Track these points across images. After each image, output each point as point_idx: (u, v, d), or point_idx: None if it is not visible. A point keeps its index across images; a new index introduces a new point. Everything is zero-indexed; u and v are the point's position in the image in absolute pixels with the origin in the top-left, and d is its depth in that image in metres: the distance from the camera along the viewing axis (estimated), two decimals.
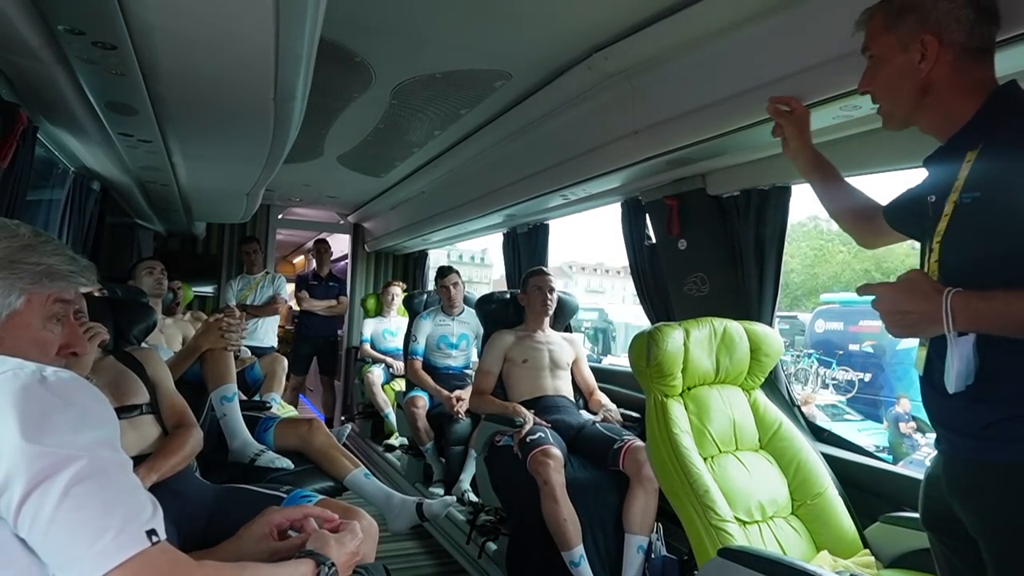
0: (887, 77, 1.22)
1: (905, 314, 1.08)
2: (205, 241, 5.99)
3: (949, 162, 1.15)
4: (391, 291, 5.34)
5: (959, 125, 1.15)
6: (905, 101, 1.21)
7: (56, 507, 0.73)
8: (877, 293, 1.11)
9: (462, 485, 3.61)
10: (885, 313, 1.10)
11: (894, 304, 1.09)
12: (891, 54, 1.20)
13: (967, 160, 1.11)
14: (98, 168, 3.06)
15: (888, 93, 1.24)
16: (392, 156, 3.91)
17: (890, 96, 1.24)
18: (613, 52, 2.20)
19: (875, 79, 1.25)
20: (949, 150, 1.17)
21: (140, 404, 1.89)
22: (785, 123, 1.63)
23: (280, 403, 3.86)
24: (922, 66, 1.15)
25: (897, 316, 1.09)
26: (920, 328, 1.09)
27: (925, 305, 1.04)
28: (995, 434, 1.06)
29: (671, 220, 2.65)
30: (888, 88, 1.23)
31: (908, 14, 1.16)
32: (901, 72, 1.18)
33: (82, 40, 1.59)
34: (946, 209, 1.13)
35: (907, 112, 1.22)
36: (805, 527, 1.96)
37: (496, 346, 3.09)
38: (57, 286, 0.97)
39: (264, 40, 1.55)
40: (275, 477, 2.34)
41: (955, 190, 1.12)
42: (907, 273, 1.11)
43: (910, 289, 1.07)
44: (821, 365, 14.80)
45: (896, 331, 1.12)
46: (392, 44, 2.30)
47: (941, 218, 1.14)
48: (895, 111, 1.25)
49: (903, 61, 1.17)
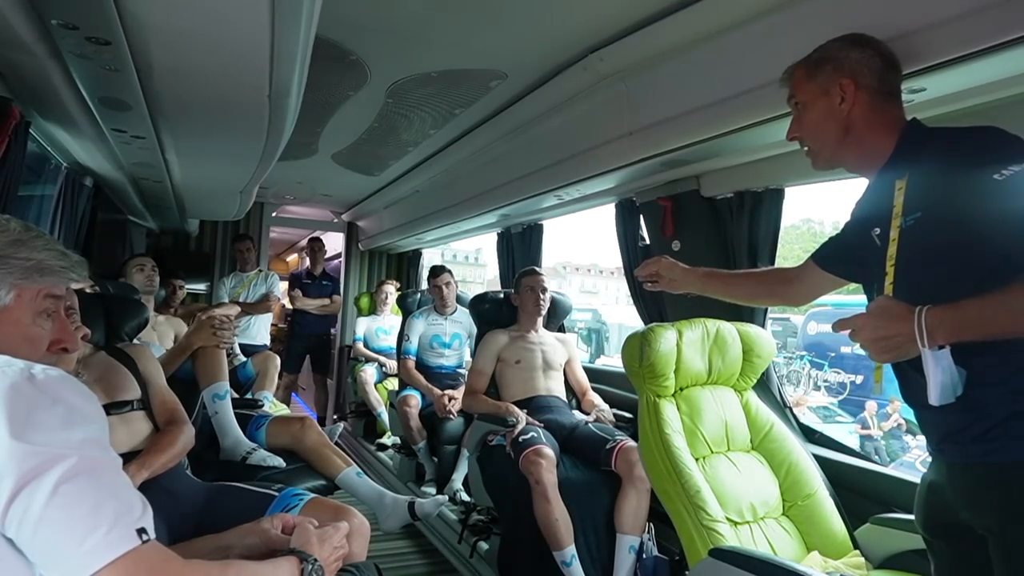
0: (812, 120, 1.35)
1: (889, 339, 1.11)
2: (198, 238, 5.97)
3: (882, 195, 1.26)
4: (384, 290, 5.33)
5: (882, 160, 1.28)
6: (830, 140, 1.33)
7: (45, 506, 0.73)
8: (855, 325, 1.14)
9: (454, 484, 3.61)
10: (869, 342, 1.13)
11: (875, 332, 1.12)
12: (814, 99, 1.33)
13: (899, 188, 1.22)
14: (91, 164, 3.04)
15: (814, 134, 1.36)
16: (387, 155, 3.91)
17: (817, 137, 1.36)
18: (609, 53, 2.20)
19: (802, 124, 1.38)
20: (879, 184, 1.29)
21: (131, 400, 1.88)
22: (664, 286, 1.84)
23: (272, 401, 3.86)
24: (843, 107, 1.29)
25: (882, 343, 1.12)
26: (905, 349, 1.10)
27: (904, 327, 1.08)
28: (998, 434, 1.09)
29: (665, 221, 2.66)
30: (814, 130, 1.35)
31: (825, 64, 1.31)
32: (825, 114, 1.32)
33: (76, 35, 1.58)
34: (892, 235, 1.22)
35: (832, 151, 1.34)
36: (796, 528, 1.97)
37: (489, 346, 3.09)
38: (47, 281, 0.97)
39: (259, 37, 1.54)
40: (267, 475, 2.34)
41: (895, 216, 1.21)
42: (876, 300, 1.16)
43: (886, 314, 1.11)
44: (813, 367, 14.87)
45: (882, 357, 1.15)
46: (387, 43, 2.30)
47: (890, 243, 1.23)
48: (822, 151, 1.36)
49: (825, 104, 1.31)
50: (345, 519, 1.64)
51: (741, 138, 2.00)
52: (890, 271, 1.22)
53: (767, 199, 2.36)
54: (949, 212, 1.12)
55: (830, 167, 1.39)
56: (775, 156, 2.19)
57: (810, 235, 33.93)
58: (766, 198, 2.36)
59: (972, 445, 1.14)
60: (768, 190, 2.35)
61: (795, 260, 6.72)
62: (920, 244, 1.18)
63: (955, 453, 1.19)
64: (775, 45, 1.74)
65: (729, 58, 1.90)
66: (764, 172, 2.30)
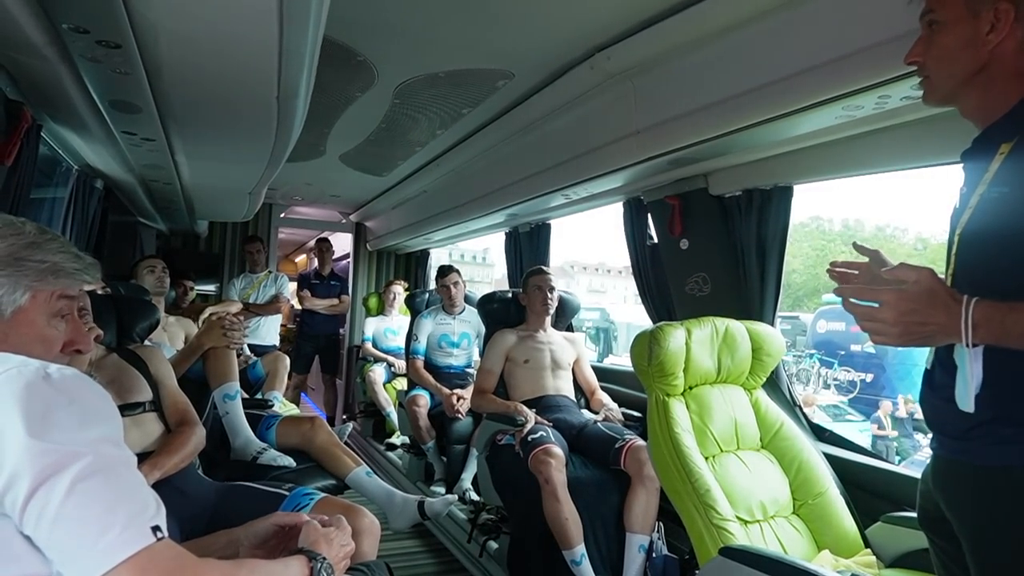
0: (946, 44, 1.12)
1: (922, 325, 0.97)
2: (208, 239, 6.00)
3: (983, 153, 1.09)
4: (393, 290, 5.35)
5: (1000, 113, 1.08)
6: (958, 73, 1.12)
7: (61, 504, 0.73)
8: (882, 298, 0.99)
9: (463, 484, 3.62)
10: (892, 322, 0.98)
11: (908, 315, 0.97)
12: (958, 20, 1.10)
13: (1000, 152, 1.05)
14: (101, 166, 3.06)
15: (943, 62, 1.13)
16: (394, 155, 3.92)
17: (944, 66, 1.13)
18: (615, 52, 2.20)
19: (931, 46, 1.14)
20: (985, 140, 1.11)
21: (143, 402, 1.90)
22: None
23: (282, 401, 3.87)
24: (990, 37, 1.06)
25: (913, 327, 0.98)
26: (935, 340, 1.00)
27: (944, 317, 0.96)
28: (978, 436, 1.05)
29: (673, 220, 2.65)
30: (944, 56, 1.13)
31: None
32: (964, 40, 1.09)
33: (86, 39, 1.59)
34: (971, 201, 1.08)
35: (955, 87, 1.13)
36: (806, 526, 1.97)
37: (498, 345, 3.09)
38: (62, 283, 0.98)
39: (268, 39, 1.55)
40: (277, 475, 2.35)
41: (983, 182, 1.06)
42: (920, 278, 0.98)
43: (928, 299, 0.97)
44: (823, 365, 14.81)
45: (900, 341, 1.00)
46: (395, 43, 2.31)
47: (966, 210, 1.09)
48: (943, 84, 1.15)
49: (970, 29, 1.08)
50: (355, 518, 1.65)
51: (749, 136, 1.99)
52: (956, 240, 1.09)
53: (776, 197, 2.35)
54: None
55: (944, 104, 1.18)
56: (784, 154, 2.19)
57: (819, 233, 33.76)
58: (775, 196, 2.35)
59: (953, 441, 1.11)
60: (777, 188, 2.34)
61: (804, 258, 6.71)
62: (993, 222, 1.02)
63: (940, 446, 1.16)
64: (783, 42, 1.74)
65: (736, 56, 1.89)
66: (773, 170, 2.29)
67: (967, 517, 1.10)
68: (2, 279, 0.92)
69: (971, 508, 1.08)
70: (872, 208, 64.64)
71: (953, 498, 1.13)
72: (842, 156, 2.06)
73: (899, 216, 60.70)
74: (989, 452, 1.04)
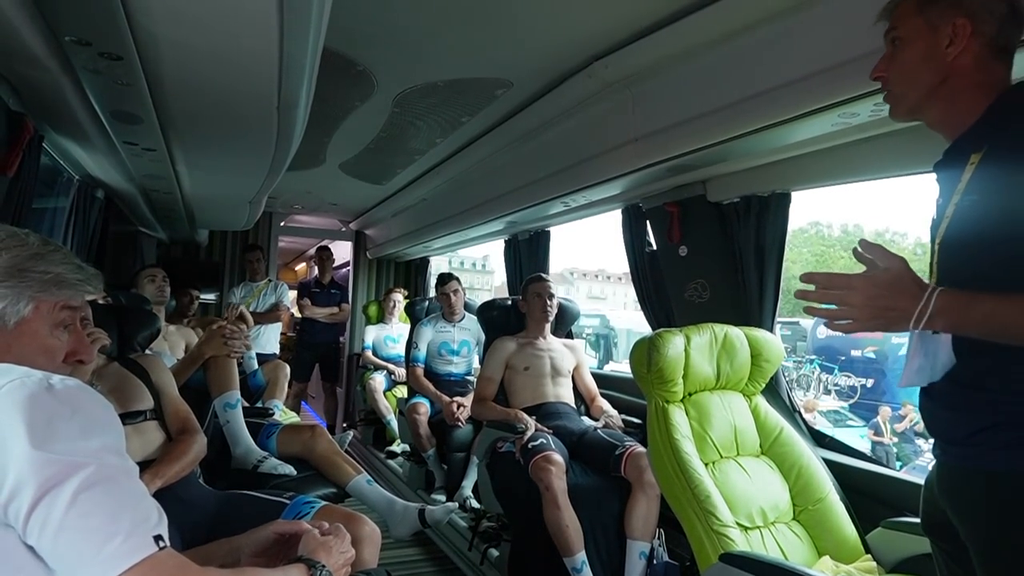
0: (908, 59, 1.16)
1: (888, 309, 1.02)
2: (208, 248, 6.01)
3: (954, 164, 1.12)
4: (392, 298, 5.35)
5: (966, 125, 1.11)
6: (921, 86, 1.16)
7: (64, 514, 0.74)
8: (849, 284, 1.04)
9: (464, 491, 3.61)
10: (861, 307, 1.03)
11: (875, 299, 1.02)
12: (918, 36, 1.14)
13: (971, 163, 1.08)
14: (102, 176, 3.08)
15: (905, 76, 1.18)
16: (394, 163, 3.94)
17: (907, 80, 1.18)
18: (613, 60, 2.22)
19: (894, 62, 1.19)
20: (955, 151, 1.14)
21: (144, 410, 1.90)
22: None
23: (283, 409, 3.87)
24: (949, 50, 1.10)
25: (879, 311, 1.02)
26: (898, 325, 1.02)
27: (908, 303, 1.00)
28: (981, 441, 1.06)
29: (672, 227, 2.66)
30: (907, 71, 1.17)
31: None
32: (925, 54, 1.13)
33: (89, 51, 1.61)
34: (947, 211, 1.11)
35: (918, 100, 1.17)
36: (807, 532, 1.97)
37: (497, 353, 3.10)
38: (65, 294, 0.99)
39: (268, 50, 1.56)
40: (278, 484, 2.35)
41: (957, 192, 1.09)
42: (891, 265, 1.05)
43: (895, 285, 1.02)
44: (823, 371, 14.79)
45: (867, 324, 1.04)
46: (394, 53, 2.32)
47: (943, 220, 1.12)
48: (907, 97, 1.19)
49: (929, 44, 1.13)
50: (356, 526, 1.66)
51: (747, 143, 2.00)
52: (936, 250, 1.12)
53: (774, 203, 2.36)
54: (1008, 203, 1.00)
55: (910, 118, 1.22)
56: (781, 160, 2.20)
57: (818, 238, 33.81)
58: (773, 202, 2.36)
59: (957, 447, 1.12)
60: (775, 194, 2.35)
61: (803, 264, 6.72)
62: (969, 229, 1.06)
63: (944, 452, 1.17)
64: (779, 51, 1.75)
65: (733, 64, 1.91)
66: (770, 176, 2.30)
67: (975, 523, 1.09)
68: (6, 290, 0.92)
69: (979, 514, 1.08)
70: (871, 213, 64.80)
71: (960, 504, 1.13)
72: (839, 163, 2.07)
73: (898, 221, 60.72)
74: (996, 457, 1.04)
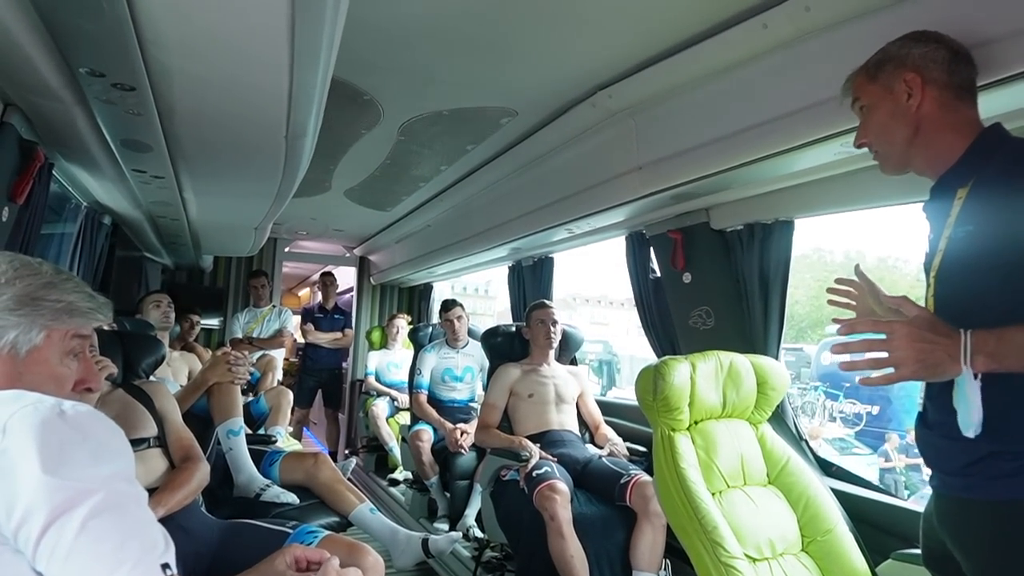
0: (880, 121, 1.26)
1: (933, 353, 1.00)
2: (212, 274, 6.04)
3: (942, 201, 1.18)
4: (396, 324, 5.35)
5: (949, 163, 1.18)
6: (899, 141, 1.24)
7: (74, 540, 0.74)
8: (892, 331, 1.02)
9: (467, 520, 3.57)
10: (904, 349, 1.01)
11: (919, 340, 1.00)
12: (879, 99, 1.25)
13: (958, 197, 1.14)
14: (110, 203, 3.11)
15: (883, 136, 1.27)
16: (399, 190, 3.97)
17: (884, 138, 1.27)
18: (617, 90, 2.25)
19: (869, 127, 1.29)
20: (941, 188, 1.20)
21: (148, 437, 1.90)
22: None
23: (285, 436, 3.85)
24: (911, 103, 1.20)
25: (925, 353, 1.00)
26: (942, 369, 1.00)
27: (951, 340, 0.99)
28: (978, 471, 1.07)
29: (675, 254, 2.67)
30: (882, 131, 1.27)
31: (886, 63, 1.24)
32: (892, 113, 1.23)
33: (102, 82, 1.63)
34: (940, 245, 1.16)
35: (901, 153, 1.25)
36: (816, 564, 1.93)
37: (501, 380, 3.09)
38: (76, 322, 0.99)
39: (279, 82, 1.59)
40: (280, 512, 2.33)
41: (948, 226, 1.14)
42: (922, 312, 1.06)
43: (936, 326, 1.02)
44: (828, 398, 14.67)
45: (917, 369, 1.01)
46: (400, 82, 2.36)
47: (936, 254, 1.16)
48: (891, 153, 1.28)
49: (891, 103, 1.23)
50: (360, 556, 1.64)
51: (750, 171, 2.02)
52: (932, 283, 1.16)
53: (777, 231, 2.37)
54: (1002, 231, 1.04)
55: (900, 171, 1.29)
56: (784, 188, 2.22)
57: (821, 264, 33.81)
58: (776, 230, 2.37)
59: (953, 477, 1.13)
60: (778, 222, 2.36)
61: (807, 290, 6.70)
62: (966, 260, 1.10)
63: (942, 483, 1.17)
64: (781, 81, 1.78)
65: (736, 93, 1.93)
66: (774, 204, 2.31)
67: (975, 553, 1.09)
68: (19, 318, 0.93)
69: (978, 544, 1.08)
70: (874, 239, 64.73)
71: (959, 535, 1.13)
72: (842, 191, 2.08)
73: (901, 248, 60.75)
74: (993, 487, 1.05)
